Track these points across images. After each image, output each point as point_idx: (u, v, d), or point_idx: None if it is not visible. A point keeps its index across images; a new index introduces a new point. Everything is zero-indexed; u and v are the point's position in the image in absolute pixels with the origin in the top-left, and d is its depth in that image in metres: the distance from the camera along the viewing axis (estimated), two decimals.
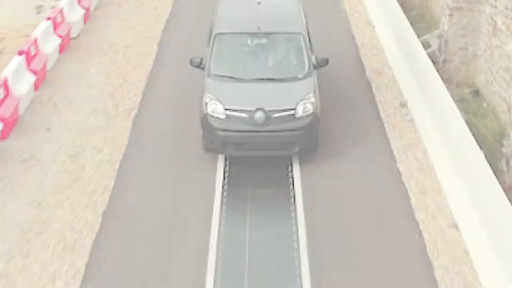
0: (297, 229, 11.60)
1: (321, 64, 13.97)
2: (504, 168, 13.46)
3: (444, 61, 18.21)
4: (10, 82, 15.10)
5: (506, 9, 15.77)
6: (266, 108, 12.75)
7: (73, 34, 19.46)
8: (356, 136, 14.41)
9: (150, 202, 12.35)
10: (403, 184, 12.86)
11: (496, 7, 16.51)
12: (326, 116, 14.48)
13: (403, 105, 15.63)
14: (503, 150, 13.73)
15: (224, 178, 12.98)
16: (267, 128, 12.77)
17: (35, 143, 14.21)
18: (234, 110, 12.85)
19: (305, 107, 12.96)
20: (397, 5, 19.08)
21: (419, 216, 11.96)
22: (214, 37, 13.84)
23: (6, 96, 14.74)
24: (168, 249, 11.15)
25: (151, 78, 17.13)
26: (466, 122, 13.07)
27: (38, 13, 22.21)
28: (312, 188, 12.69)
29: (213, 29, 14.16)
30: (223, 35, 13.88)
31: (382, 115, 15.24)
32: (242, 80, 13.40)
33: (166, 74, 17.35)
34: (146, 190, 12.72)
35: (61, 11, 19.13)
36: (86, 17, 20.74)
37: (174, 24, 20.73)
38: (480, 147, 12.31)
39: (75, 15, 19.91)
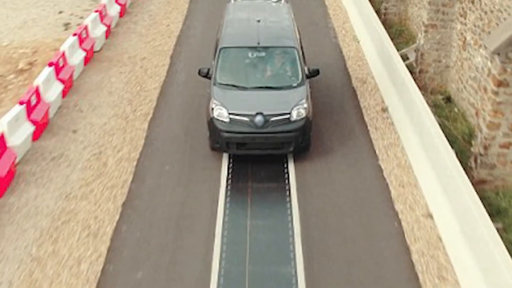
0: (292, 218, 11.59)
1: (312, 74, 13.98)
2: (473, 165, 13.47)
3: (420, 71, 18.22)
4: (41, 90, 15.13)
5: (474, 26, 15.78)
6: (265, 113, 12.74)
7: (96, 48, 19.49)
8: (344, 137, 14.40)
9: (163, 195, 12.35)
10: (384, 179, 12.86)
11: (465, 24, 16.52)
12: (318, 120, 14.51)
13: (384, 110, 15.62)
14: (472, 149, 13.74)
15: (228, 173, 12.97)
16: (266, 130, 12.76)
17: (63, 143, 14.22)
18: (237, 114, 12.85)
19: (299, 112, 12.95)
20: (379, 23, 19.08)
21: (398, 207, 11.96)
22: (219, 51, 13.85)
23: (38, 102, 14.77)
24: (179, 235, 11.15)
25: (164, 87, 17.13)
26: (439, 125, 13.06)
27: (66, 29, 22.27)
28: (305, 182, 12.68)
29: (219, 44, 14.16)
30: (227, 49, 13.87)
31: (366, 119, 15.24)
32: (244, 88, 13.39)
33: (177, 83, 17.35)
34: (160, 184, 12.70)
35: (86, 28, 19.17)
36: (108, 33, 20.77)
37: (184, 39, 20.73)
38: (452, 147, 12.30)
39: (98, 31, 19.95)
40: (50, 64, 16.24)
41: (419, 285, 10.00)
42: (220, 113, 12.91)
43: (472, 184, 10.94)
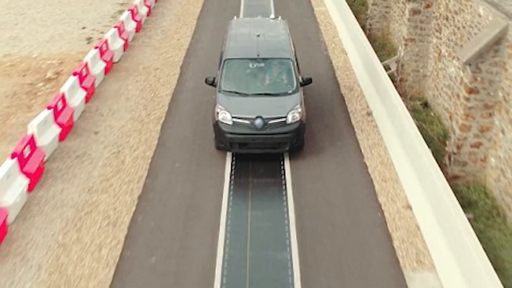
0: (287, 209, 11.61)
1: (306, 82, 13.99)
2: (447, 162, 13.49)
3: (401, 80, 18.22)
4: (67, 96, 15.14)
5: (448, 40, 15.79)
6: (264, 116, 12.75)
7: (115, 59, 19.49)
8: (333, 138, 14.41)
9: (174, 189, 12.36)
10: (369, 174, 12.86)
11: (440, 38, 16.53)
12: (310, 122, 14.51)
13: (369, 114, 15.62)
14: (446, 148, 13.75)
15: (231, 170, 12.98)
16: (265, 131, 12.77)
17: (86, 143, 14.23)
18: (239, 118, 12.85)
19: (293, 116, 12.96)
20: (365, 37, 19.09)
21: (381, 199, 11.97)
22: (224, 62, 13.86)
23: (63, 107, 14.78)
24: (188, 224, 11.16)
25: (175, 93, 17.13)
26: (418, 127, 13.07)
27: (88, 43, 22.26)
28: (299, 178, 12.69)
29: (223, 56, 14.17)
30: (230, 60, 13.89)
31: (353, 122, 15.24)
32: (245, 95, 13.39)
33: (187, 90, 17.35)
34: (171, 179, 12.71)
35: (106, 42, 19.17)
36: (125, 46, 20.76)
37: (193, 51, 20.72)
38: (428, 146, 12.32)
39: (116, 44, 19.95)
40: (75, 74, 16.25)
41: (399, 268, 10.02)
42: (225, 116, 12.92)
43: (447, 179, 10.96)
